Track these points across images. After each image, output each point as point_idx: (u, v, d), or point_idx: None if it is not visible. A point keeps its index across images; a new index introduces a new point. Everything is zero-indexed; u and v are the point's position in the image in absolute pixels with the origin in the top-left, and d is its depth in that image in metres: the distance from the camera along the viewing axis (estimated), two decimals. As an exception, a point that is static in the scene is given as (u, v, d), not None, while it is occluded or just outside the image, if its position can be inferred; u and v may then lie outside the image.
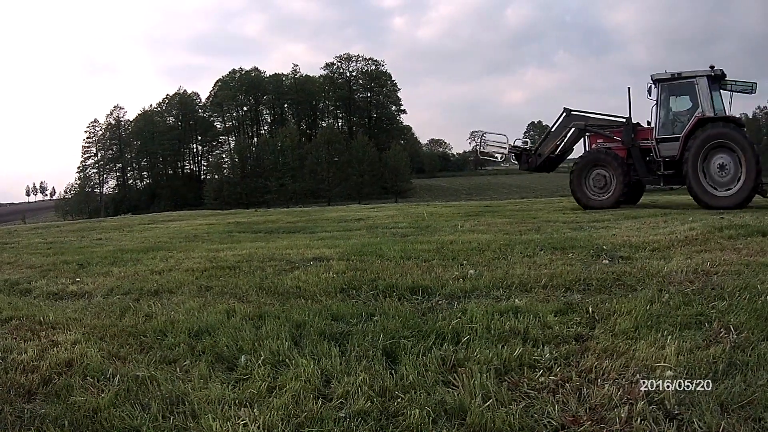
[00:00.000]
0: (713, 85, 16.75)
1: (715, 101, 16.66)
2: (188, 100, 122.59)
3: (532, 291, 5.76)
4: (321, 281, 6.69)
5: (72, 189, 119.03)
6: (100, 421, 3.42)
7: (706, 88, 16.43)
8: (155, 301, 6.39)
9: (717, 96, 16.96)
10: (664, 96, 17.35)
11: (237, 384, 3.82)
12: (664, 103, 17.37)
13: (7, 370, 4.34)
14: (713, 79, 16.74)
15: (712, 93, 16.61)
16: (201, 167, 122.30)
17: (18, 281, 8.46)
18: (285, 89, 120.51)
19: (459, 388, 3.53)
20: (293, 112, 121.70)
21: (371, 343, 4.33)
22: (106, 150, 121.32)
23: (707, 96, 16.42)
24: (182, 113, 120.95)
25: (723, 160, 15.82)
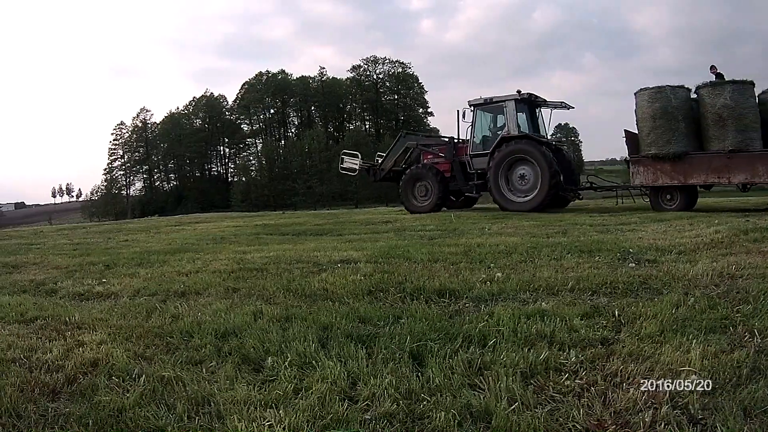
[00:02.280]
0: (521, 106, 20.39)
1: (522, 121, 20.36)
2: (215, 102, 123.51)
3: (558, 294, 5.74)
4: (348, 283, 6.67)
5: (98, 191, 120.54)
6: (124, 420, 3.43)
7: (513, 111, 19.90)
8: (182, 303, 6.40)
9: (525, 116, 20.79)
10: (478, 118, 20.92)
11: (263, 385, 3.82)
12: (478, 124, 20.92)
13: (32, 369, 4.36)
14: (522, 102, 20.37)
15: (518, 114, 20.14)
16: (228, 169, 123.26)
17: (44, 282, 8.53)
18: (312, 92, 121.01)
19: (485, 391, 3.51)
20: (320, 114, 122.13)
21: (398, 345, 4.31)
22: (132, 152, 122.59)
23: (513, 117, 19.85)
24: (209, 116, 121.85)
25: (524, 171, 19.23)
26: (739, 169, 16.15)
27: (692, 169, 16.78)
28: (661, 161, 17.10)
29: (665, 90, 17.24)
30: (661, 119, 17.02)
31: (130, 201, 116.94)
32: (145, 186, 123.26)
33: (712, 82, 17.12)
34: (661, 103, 17.05)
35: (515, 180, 19.44)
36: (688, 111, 17.09)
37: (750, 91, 16.48)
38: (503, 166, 19.42)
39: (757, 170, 16.02)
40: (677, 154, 16.81)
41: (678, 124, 16.87)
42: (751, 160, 16.01)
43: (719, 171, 16.41)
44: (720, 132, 16.29)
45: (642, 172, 17.59)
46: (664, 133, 16.97)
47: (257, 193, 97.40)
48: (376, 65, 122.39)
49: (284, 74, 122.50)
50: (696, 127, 17.05)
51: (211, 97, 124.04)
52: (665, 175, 17.12)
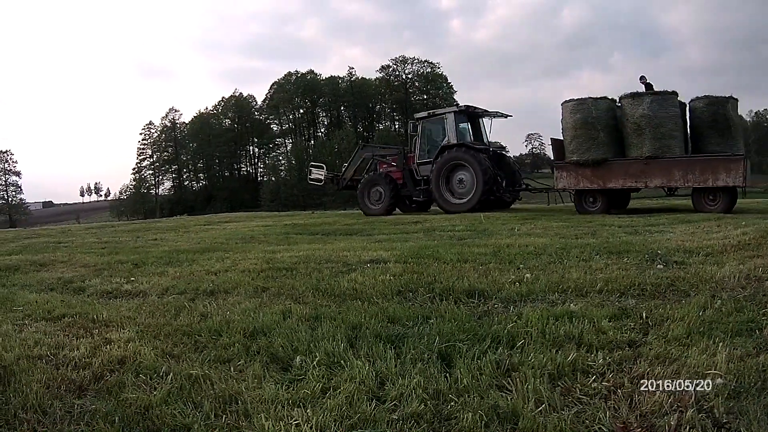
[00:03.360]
0: (461, 118, 22.62)
1: (461, 132, 22.34)
2: (244, 102, 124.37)
3: (587, 296, 5.72)
4: (378, 283, 6.68)
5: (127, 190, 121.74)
6: (151, 418, 3.44)
7: (453, 122, 21.97)
8: (211, 301, 6.44)
9: (466, 126, 23.09)
10: (423, 129, 23.31)
11: (291, 384, 3.82)
12: (423, 135, 23.23)
13: (58, 366, 4.39)
14: (462, 114, 22.79)
15: (459, 125, 22.21)
16: (257, 169, 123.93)
17: (71, 279, 8.61)
18: (341, 92, 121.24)
19: (512, 392, 3.51)
20: (350, 114, 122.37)
21: (427, 345, 4.31)
22: (161, 152, 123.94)
23: (453, 128, 21.87)
24: (238, 116, 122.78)
25: (462, 176, 21.30)
26: (655, 174, 17.67)
27: (611, 174, 18.32)
28: (582, 167, 18.57)
29: (586, 102, 18.69)
30: (582, 129, 18.42)
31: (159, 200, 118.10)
32: (174, 185, 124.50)
33: (633, 93, 18.36)
34: (581, 114, 18.45)
35: (455, 184, 21.60)
36: (609, 120, 18.47)
37: (671, 101, 17.78)
38: (443, 171, 21.59)
39: (673, 175, 17.43)
40: (596, 161, 18.29)
41: (597, 133, 18.26)
42: (667, 165, 17.44)
43: (637, 176, 17.96)
44: (638, 140, 17.74)
45: (565, 176, 19.13)
46: (584, 142, 18.40)
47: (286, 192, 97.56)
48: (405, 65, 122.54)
49: (313, 74, 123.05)
50: (618, 135, 18.43)
51: (240, 97, 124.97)
52: (586, 179, 18.67)
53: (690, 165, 17.26)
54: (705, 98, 18.18)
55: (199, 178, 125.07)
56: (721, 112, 17.76)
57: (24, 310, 6.59)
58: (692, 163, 17.30)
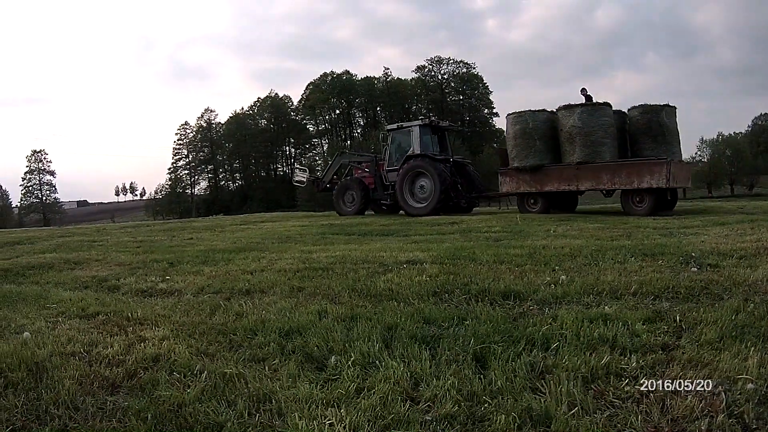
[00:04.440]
0: (426, 130, 24.50)
1: (425, 143, 24.12)
2: (280, 103, 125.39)
3: (621, 298, 5.70)
4: (414, 284, 6.68)
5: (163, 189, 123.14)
6: (184, 415, 3.45)
7: (417, 134, 23.92)
8: (246, 301, 6.48)
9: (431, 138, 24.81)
10: (392, 140, 25.27)
11: (325, 384, 3.82)
12: (392, 145, 25.15)
13: (91, 363, 4.45)
14: (426, 127, 24.66)
15: (424, 136, 24.12)
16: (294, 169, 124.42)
17: (106, 278, 8.72)
18: (377, 92, 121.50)
19: (546, 395, 3.50)
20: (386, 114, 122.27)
21: (462, 347, 4.30)
22: (197, 152, 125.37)
23: (417, 139, 23.82)
24: (274, 116, 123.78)
25: (423, 183, 23.19)
26: (585, 178, 19.71)
27: (547, 178, 20.53)
28: (522, 172, 20.95)
29: (525, 114, 21.20)
30: (521, 138, 20.84)
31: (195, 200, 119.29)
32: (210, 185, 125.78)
33: (566, 105, 20.51)
34: (520, 125, 20.92)
35: (417, 190, 23.56)
36: (546, 130, 20.69)
37: (602, 111, 19.74)
38: (407, 178, 23.49)
39: (601, 179, 19.48)
40: (534, 167, 20.60)
41: (534, 142, 20.57)
42: (596, 170, 19.44)
43: (569, 180, 20.06)
44: (571, 147, 19.84)
45: (508, 181, 21.65)
46: (523, 150, 20.82)
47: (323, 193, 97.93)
48: (441, 65, 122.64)
49: (349, 75, 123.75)
50: (555, 144, 20.59)
51: (276, 98, 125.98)
52: (526, 183, 21.03)
53: (617, 169, 19.16)
54: (640, 107, 20.36)
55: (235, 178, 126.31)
56: (655, 119, 19.91)
57: (57, 307, 6.67)
58: (619, 167, 19.17)
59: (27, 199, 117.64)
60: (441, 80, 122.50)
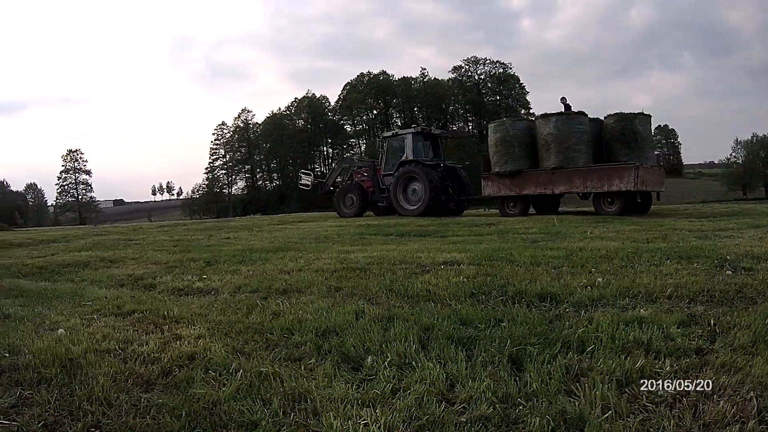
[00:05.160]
0: (419, 137, 26.47)
1: (418, 149, 25.99)
2: (317, 103, 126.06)
3: (657, 301, 5.65)
4: (451, 285, 6.67)
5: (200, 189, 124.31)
6: (218, 413, 3.46)
7: (411, 141, 25.89)
8: (283, 300, 6.50)
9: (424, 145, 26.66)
10: (388, 146, 27.45)
11: (361, 384, 3.82)
12: (388, 151, 27.28)
13: (126, 360, 4.48)
14: (420, 135, 26.74)
15: (417, 143, 26.07)
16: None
17: (142, 276, 8.83)
18: (414, 93, 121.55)
19: (580, 398, 3.47)
20: (423, 115, 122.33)
21: (498, 349, 4.29)
22: (234, 152, 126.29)
23: (411, 146, 25.75)
24: (311, 116, 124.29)
25: (416, 187, 25.11)
26: (559, 182, 21.35)
27: (525, 182, 22.22)
28: (502, 177, 22.68)
29: (505, 122, 23.79)
30: (501, 145, 22.59)
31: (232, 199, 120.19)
32: (247, 185, 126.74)
33: (543, 114, 22.48)
34: (501, 133, 22.72)
35: (409, 193, 25.47)
36: (525, 138, 22.32)
37: (577, 120, 21.36)
38: (400, 182, 25.48)
39: (574, 182, 21.12)
40: (512, 172, 22.33)
41: (513, 149, 22.26)
42: (569, 174, 21.08)
43: (545, 184, 21.70)
44: (547, 153, 21.48)
45: (490, 185, 23.33)
46: (503, 156, 22.56)
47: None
48: (477, 66, 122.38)
49: (386, 75, 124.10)
50: (534, 150, 22.15)
51: (313, 98, 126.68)
52: (506, 187, 22.77)
53: (589, 173, 20.76)
54: (615, 115, 21.73)
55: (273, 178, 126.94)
56: (629, 127, 21.18)
57: (93, 305, 6.76)
58: (591, 171, 20.75)
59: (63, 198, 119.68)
60: (478, 80, 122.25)
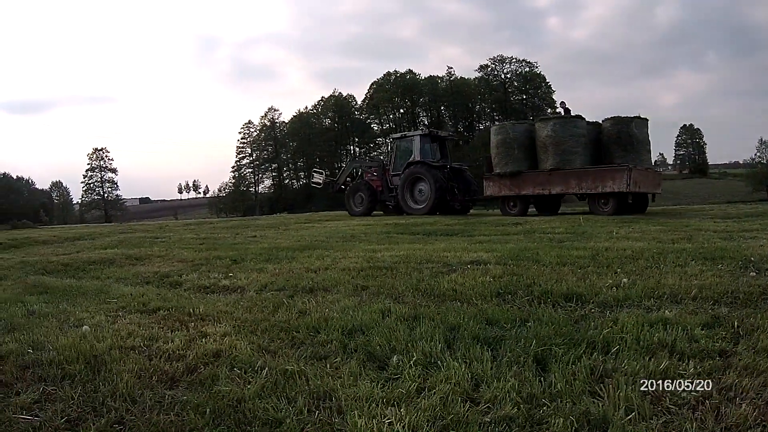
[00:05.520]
0: (426, 139, 27.83)
1: (425, 150, 27.35)
2: (344, 102, 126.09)
3: (681, 302, 5.61)
4: (477, 285, 6.65)
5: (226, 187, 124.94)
6: (243, 411, 3.47)
7: (419, 142, 27.20)
8: (310, 299, 6.52)
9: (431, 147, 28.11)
10: (397, 147, 28.76)
11: (386, 383, 3.82)
12: (397, 152, 28.52)
13: (151, 357, 4.52)
14: (427, 137, 28.10)
15: (424, 145, 27.40)
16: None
17: (168, 274, 8.90)
18: (441, 92, 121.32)
19: (604, 399, 3.47)
20: (450, 114, 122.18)
21: (523, 349, 4.28)
22: (261, 150, 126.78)
23: (418, 147, 27.06)
24: (338, 115, 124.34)
25: (422, 187, 26.46)
26: (556, 182, 22.25)
27: (525, 183, 23.16)
28: (503, 178, 23.65)
29: (506, 125, 24.83)
30: (502, 147, 23.65)
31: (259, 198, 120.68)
32: (273, 183, 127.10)
33: (542, 118, 24.28)
34: (502, 135, 23.83)
35: (416, 193, 26.84)
36: (525, 140, 23.28)
37: (573, 123, 22.38)
38: (408, 182, 26.80)
39: (570, 183, 21.99)
40: (513, 173, 23.30)
41: (513, 150, 23.31)
42: (565, 176, 22.00)
43: (543, 184, 22.62)
44: (545, 155, 22.42)
45: (491, 186, 24.31)
46: (504, 158, 23.60)
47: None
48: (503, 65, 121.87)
49: (412, 74, 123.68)
50: (533, 152, 23.10)
51: (340, 97, 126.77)
52: (506, 188, 23.74)
53: (584, 175, 21.62)
54: (612, 119, 22.64)
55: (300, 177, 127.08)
56: (625, 130, 22.08)
57: (118, 302, 6.84)
58: (586, 173, 21.60)
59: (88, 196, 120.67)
60: (504, 79, 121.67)
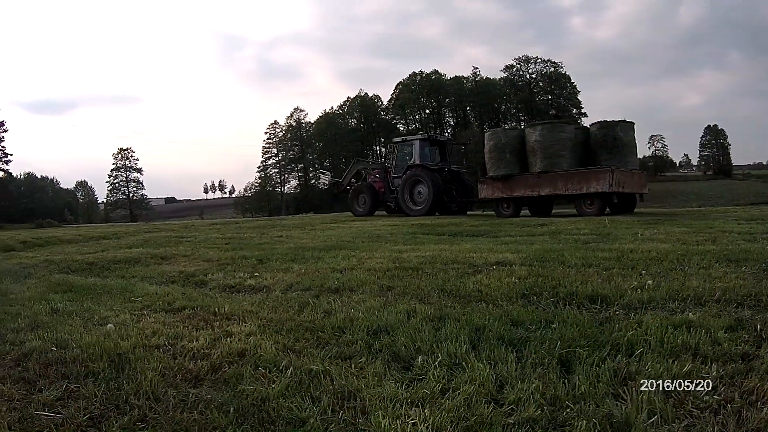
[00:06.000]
0: (425, 143, 29.26)
1: (424, 154, 28.74)
2: (369, 102, 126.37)
3: (705, 305, 5.54)
4: (503, 286, 6.64)
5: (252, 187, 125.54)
6: (267, 410, 3.49)
7: (418, 147, 28.67)
8: (335, 299, 6.54)
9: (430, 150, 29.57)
10: (398, 151, 30.13)
11: (411, 384, 3.82)
12: (398, 156, 29.96)
13: (175, 356, 4.56)
14: (426, 141, 29.50)
15: (423, 149, 28.79)
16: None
17: (193, 273, 8.96)
18: (466, 92, 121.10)
19: (627, 402, 3.45)
20: (475, 114, 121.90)
21: (547, 350, 4.27)
22: (287, 151, 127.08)
23: (418, 151, 28.57)
24: (364, 115, 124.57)
25: (421, 189, 27.96)
26: (544, 185, 23.09)
27: (516, 185, 24.03)
28: (496, 181, 24.46)
29: (497, 131, 26.20)
30: (494, 152, 24.51)
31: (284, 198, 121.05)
32: (299, 183, 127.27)
33: (531, 123, 25.78)
34: (494, 141, 24.74)
35: (415, 195, 28.26)
36: (516, 145, 24.07)
37: (560, 128, 23.37)
38: (407, 185, 28.27)
39: (557, 185, 22.80)
40: (504, 176, 24.13)
41: (505, 155, 24.15)
42: (552, 178, 22.85)
43: (533, 186, 23.46)
44: (534, 159, 23.30)
45: (485, 188, 25.07)
46: (496, 162, 24.47)
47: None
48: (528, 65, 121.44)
49: (438, 74, 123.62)
50: (523, 156, 23.92)
51: (366, 97, 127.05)
52: (499, 190, 24.53)
53: (570, 177, 22.45)
54: (599, 123, 23.77)
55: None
56: (611, 134, 22.99)
57: (143, 301, 6.91)
58: (571, 175, 22.45)
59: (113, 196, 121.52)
60: (529, 80, 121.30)
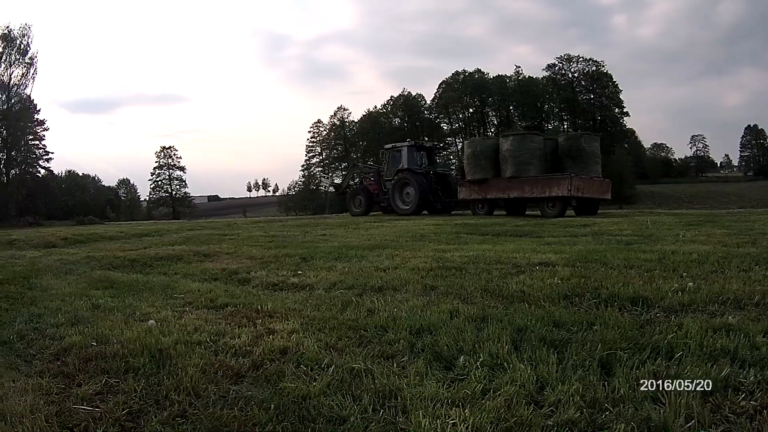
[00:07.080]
0: (413, 149, 32.08)
1: (412, 159, 31.41)
2: (413, 101, 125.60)
3: (744, 308, 5.47)
4: (545, 286, 6.63)
5: (296, 186, 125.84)
6: (308, 408, 3.52)
7: (406, 152, 31.37)
8: (378, 297, 6.56)
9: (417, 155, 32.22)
10: (389, 156, 32.89)
11: (452, 384, 3.83)
12: (389, 161, 32.64)
13: (217, 353, 4.63)
14: (413, 147, 32.49)
15: (411, 154, 31.46)
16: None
17: (236, 271, 9.05)
18: (509, 91, 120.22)
19: (665, 405, 3.43)
20: (519, 113, 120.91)
21: (588, 352, 4.24)
22: (330, 149, 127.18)
23: (406, 157, 31.22)
24: (407, 114, 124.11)
25: (409, 190, 30.70)
26: (514, 188, 26.03)
27: (490, 188, 27.15)
28: (472, 184, 27.70)
29: (475, 140, 31.05)
30: (472, 158, 27.96)
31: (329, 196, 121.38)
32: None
33: (504, 134, 29.62)
34: (471, 148, 28.43)
35: (404, 196, 31.00)
36: (491, 152, 27.25)
37: (530, 139, 26.92)
38: (397, 187, 31.11)
39: (524, 189, 25.60)
40: (480, 180, 27.31)
41: (480, 161, 27.40)
42: (521, 183, 25.71)
43: (504, 190, 26.55)
44: (505, 166, 26.37)
45: (464, 191, 28.35)
46: (473, 167, 27.84)
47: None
48: (571, 64, 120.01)
49: (481, 73, 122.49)
50: (497, 162, 26.91)
51: (409, 96, 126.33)
52: (475, 192, 27.70)
53: (535, 182, 25.33)
54: (566, 134, 28.67)
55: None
56: (575, 144, 26.37)
57: (185, 297, 7.03)
58: (536, 180, 25.34)
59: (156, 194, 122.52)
60: (571, 79, 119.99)
